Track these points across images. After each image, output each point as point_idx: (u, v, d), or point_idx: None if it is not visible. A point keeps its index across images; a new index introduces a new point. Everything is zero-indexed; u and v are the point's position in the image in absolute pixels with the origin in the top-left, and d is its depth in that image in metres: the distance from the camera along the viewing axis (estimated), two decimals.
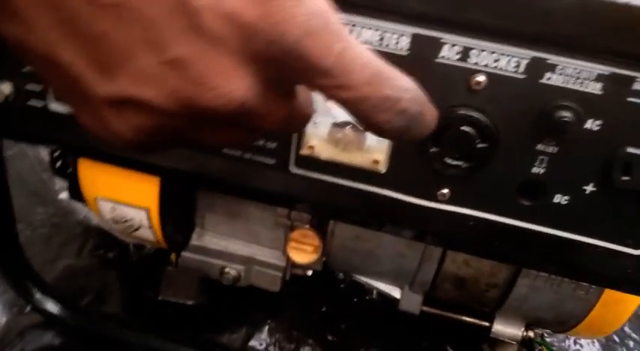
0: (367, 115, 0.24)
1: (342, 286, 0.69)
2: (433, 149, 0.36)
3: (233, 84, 0.22)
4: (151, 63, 0.21)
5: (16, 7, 0.21)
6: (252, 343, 0.62)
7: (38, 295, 0.58)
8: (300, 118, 0.27)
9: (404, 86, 0.24)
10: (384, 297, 0.57)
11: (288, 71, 0.23)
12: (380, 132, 0.25)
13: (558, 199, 0.37)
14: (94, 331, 0.58)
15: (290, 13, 0.21)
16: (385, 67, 0.24)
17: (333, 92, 0.23)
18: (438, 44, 0.34)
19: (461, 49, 0.34)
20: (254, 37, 0.22)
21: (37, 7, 0.21)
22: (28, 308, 0.60)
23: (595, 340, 0.70)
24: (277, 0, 0.21)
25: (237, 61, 0.22)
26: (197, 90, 0.22)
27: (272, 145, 0.40)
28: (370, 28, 0.35)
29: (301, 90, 0.26)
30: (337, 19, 0.23)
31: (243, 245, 0.59)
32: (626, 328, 0.72)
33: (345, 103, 0.24)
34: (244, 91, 0.23)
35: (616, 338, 0.71)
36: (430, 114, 0.26)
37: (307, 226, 0.53)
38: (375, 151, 0.37)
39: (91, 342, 0.58)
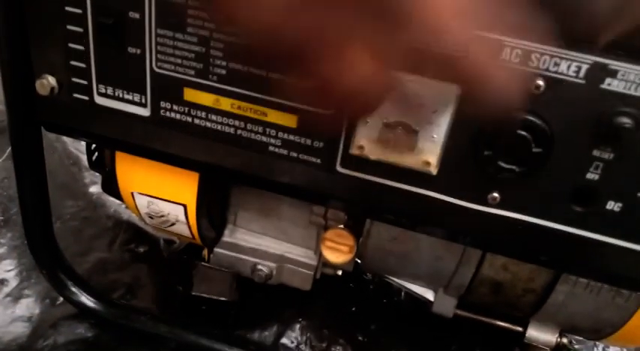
0: None
1: (370, 286, 0.68)
2: (487, 152, 0.36)
3: None
4: None
5: None
6: (284, 340, 0.62)
7: (72, 287, 0.58)
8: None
9: None
10: (413, 298, 0.57)
11: None
12: None
13: (611, 205, 0.36)
14: (127, 324, 0.58)
15: None
16: None
17: None
18: (498, 46, 0.34)
19: (521, 52, 0.33)
20: None
21: None
22: (61, 300, 0.61)
23: (625, 349, 0.69)
24: None
25: None
26: None
27: (319, 144, 0.40)
28: None
29: None
30: None
31: (275, 243, 0.59)
32: None
33: None
34: None
35: None
36: None
37: (342, 226, 0.53)
38: (427, 152, 0.37)
39: (123, 335, 0.58)
